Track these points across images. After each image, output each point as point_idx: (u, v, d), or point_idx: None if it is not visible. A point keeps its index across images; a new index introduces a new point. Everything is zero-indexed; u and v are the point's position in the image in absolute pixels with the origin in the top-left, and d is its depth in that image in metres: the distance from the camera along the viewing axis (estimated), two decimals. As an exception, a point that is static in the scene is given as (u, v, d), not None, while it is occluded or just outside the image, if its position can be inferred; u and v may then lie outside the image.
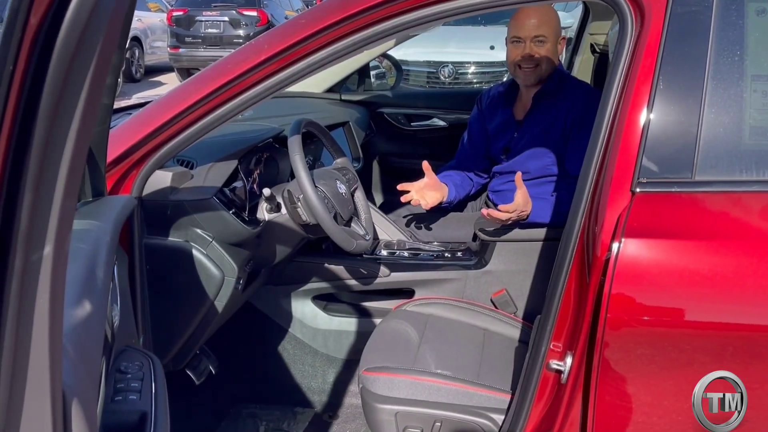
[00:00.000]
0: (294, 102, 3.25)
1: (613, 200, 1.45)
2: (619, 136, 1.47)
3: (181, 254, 1.84)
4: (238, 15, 12.01)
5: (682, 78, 1.45)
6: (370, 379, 1.90)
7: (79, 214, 1.33)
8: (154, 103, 1.78)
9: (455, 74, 7.28)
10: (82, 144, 0.60)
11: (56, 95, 0.55)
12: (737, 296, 1.39)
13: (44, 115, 0.55)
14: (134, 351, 1.36)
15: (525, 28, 2.39)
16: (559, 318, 1.58)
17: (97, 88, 0.59)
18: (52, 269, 0.62)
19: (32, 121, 0.55)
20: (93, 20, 0.55)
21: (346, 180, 2.24)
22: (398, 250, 2.50)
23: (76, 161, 0.60)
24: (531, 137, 2.46)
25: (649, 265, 1.42)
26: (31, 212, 0.58)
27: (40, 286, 0.62)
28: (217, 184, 1.87)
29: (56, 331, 0.66)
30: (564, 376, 1.54)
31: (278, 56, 1.64)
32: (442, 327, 2.14)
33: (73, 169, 0.60)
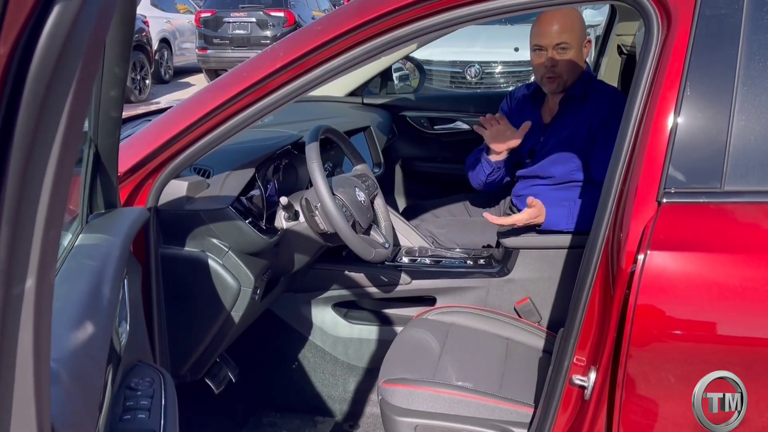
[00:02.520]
0: (315, 106, 3.22)
1: (638, 211, 1.40)
2: (644, 143, 1.42)
3: (197, 264, 1.82)
4: (266, 16, 12.07)
5: (710, 83, 1.39)
6: (389, 391, 1.86)
7: (89, 228, 1.32)
8: (170, 112, 1.77)
9: (482, 74, 7.20)
10: (65, 172, 0.57)
11: (32, 125, 0.52)
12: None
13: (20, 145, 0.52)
14: (145, 367, 1.34)
15: (546, 36, 2.32)
16: (582, 331, 1.54)
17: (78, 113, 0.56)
18: (35, 303, 0.59)
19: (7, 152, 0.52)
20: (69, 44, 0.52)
21: (366, 187, 2.20)
22: (420, 257, 2.46)
23: (58, 190, 0.57)
24: (557, 141, 2.41)
25: (675, 279, 1.37)
26: (9, 245, 0.55)
27: (23, 322, 0.59)
28: (234, 193, 1.85)
29: (41, 366, 0.63)
30: (587, 392, 1.50)
31: (294, 63, 1.61)
32: (463, 336, 2.10)
33: (56, 198, 0.57)
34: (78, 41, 0.52)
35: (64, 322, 0.87)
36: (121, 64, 1.08)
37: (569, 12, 2.36)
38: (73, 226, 1.30)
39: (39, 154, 0.54)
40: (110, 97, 1.13)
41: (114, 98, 1.13)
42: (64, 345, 0.83)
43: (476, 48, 7.30)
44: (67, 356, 0.81)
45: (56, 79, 0.52)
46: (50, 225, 0.58)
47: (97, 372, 0.93)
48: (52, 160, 0.55)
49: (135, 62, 10.01)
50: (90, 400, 0.85)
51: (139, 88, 10.21)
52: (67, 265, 1.09)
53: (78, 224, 1.32)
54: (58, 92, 0.53)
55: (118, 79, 1.10)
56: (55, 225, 0.59)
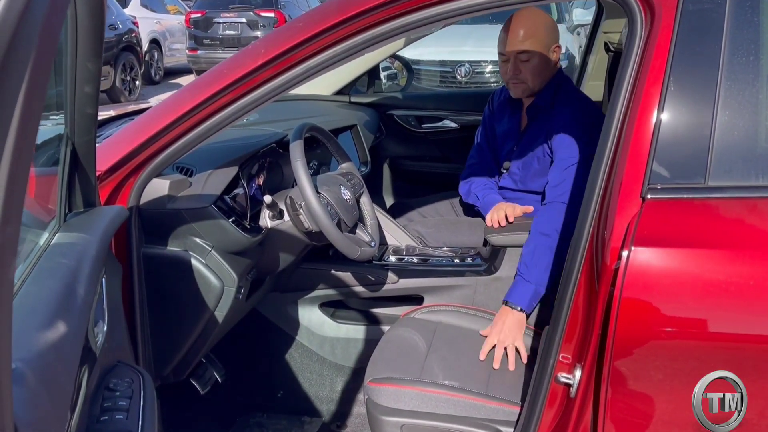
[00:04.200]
0: (301, 105, 3.21)
1: (622, 207, 1.39)
2: (628, 139, 1.41)
3: (180, 264, 1.80)
4: (256, 16, 12.04)
5: (694, 78, 1.38)
6: (375, 390, 1.85)
7: (66, 227, 1.30)
8: (151, 110, 1.75)
9: (472, 73, 7.18)
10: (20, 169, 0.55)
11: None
12: (753, 306, 1.32)
13: None
14: (125, 367, 1.32)
15: (509, 43, 2.27)
16: (567, 328, 1.52)
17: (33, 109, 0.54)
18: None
19: None
20: (19, 36, 0.50)
21: (351, 185, 2.19)
22: (407, 256, 2.44)
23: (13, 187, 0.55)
24: (528, 152, 2.37)
25: (660, 275, 1.36)
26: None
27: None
28: (216, 191, 1.83)
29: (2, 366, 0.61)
30: (573, 389, 1.49)
31: (275, 60, 1.59)
32: (450, 335, 2.08)
33: (11, 196, 0.55)
34: (28, 33, 0.50)
35: (33, 322, 0.85)
36: (94, 58, 1.06)
37: (536, 17, 2.30)
38: (50, 225, 1.28)
39: None
40: (84, 93, 1.11)
41: (88, 94, 1.11)
42: (31, 345, 0.81)
43: (466, 48, 7.29)
44: (33, 356, 0.79)
45: (6, 75, 0.50)
46: (6, 221, 0.56)
47: (68, 372, 0.92)
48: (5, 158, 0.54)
49: (125, 63, 9.98)
50: (59, 401, 0.84)
51: (129, 89, 10.17)
52: (41, 264, 1.07)
53: (55, 223, 1.30)
54: (9, 88, 0.51)
55: (91, 75, 1.08)
56: (12, 221, 0.57)
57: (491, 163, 2.60)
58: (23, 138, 0.54)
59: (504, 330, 2.01)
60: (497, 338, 2.00)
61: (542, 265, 2.06)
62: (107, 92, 9.57)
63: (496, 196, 2.46)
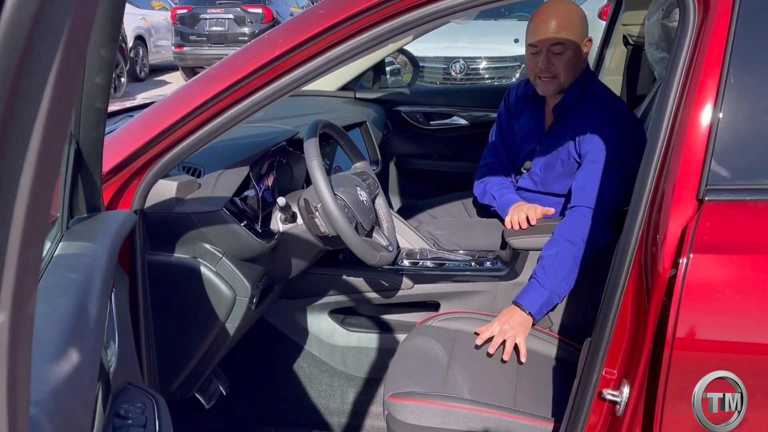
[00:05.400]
0: (306, 101, 3.07)
1: (676, 210, 1.28)
2: (682, 136, 1.30)
3: (188, 272, 1.67)
4: (243, 12, 11.88)
5: (756, 70, 1.27)
6: (396, 406, 1.73)
7: (70, 235, 1.16)
8: (156, 105, 1.61)
9: (467, 70, 7.09)
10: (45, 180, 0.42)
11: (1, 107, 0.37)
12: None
13: None
14: (136, 390, 1.19)
15: (542, 34, 2.10)
16: (613, 341, 1.41)
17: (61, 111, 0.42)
18: (9, 344, 0.45)
19: None
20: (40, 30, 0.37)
21: (367, 186, 2.06)
22: (421, 260, 2.32)
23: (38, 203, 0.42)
24: (551, 153, 2.24)
25: (722, 285, 1.24)
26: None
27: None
28: (228, 193, 1.70)
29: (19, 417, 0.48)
30: (620, 407, 1.38)
31: (294, 51, 1.47)
32: (472, 344, 1.97)
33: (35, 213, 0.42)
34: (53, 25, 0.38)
35: (44, 354, 0.72)
36: (109, 44, 0.92)
37: (569, 7, 2.16)
38: (51, 232, 1.15)
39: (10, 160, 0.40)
40: (95, 84, 0.97)
41: (99, 86, 0.98)
42: (44, 383, 0.68)
43: (461, 44, 7.19)
44: (48, 397, 0.66)
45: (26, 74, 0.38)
46: (29, 244, 0.43)
47: (86, 407, 0.79)
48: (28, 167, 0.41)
49: (109, 59, 9.79)
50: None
51: (114, 86, 10.00)
52: (45, 280, 0.93)
53: (57, 230, 1.17)
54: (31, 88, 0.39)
55: (104, 63, 0.94)
56: (35, 243, 0.44)
57: (507, 163, 2.48)
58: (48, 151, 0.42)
59: (509, 322, 1.93)
60: (499, 328, 1.92)
61: (561, 272, 1.96)
62: (92, 89, 9.38)
63: (514, 196, 2.34)
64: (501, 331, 1.91)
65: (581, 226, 1.99)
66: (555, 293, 1.97)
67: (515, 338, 1.91)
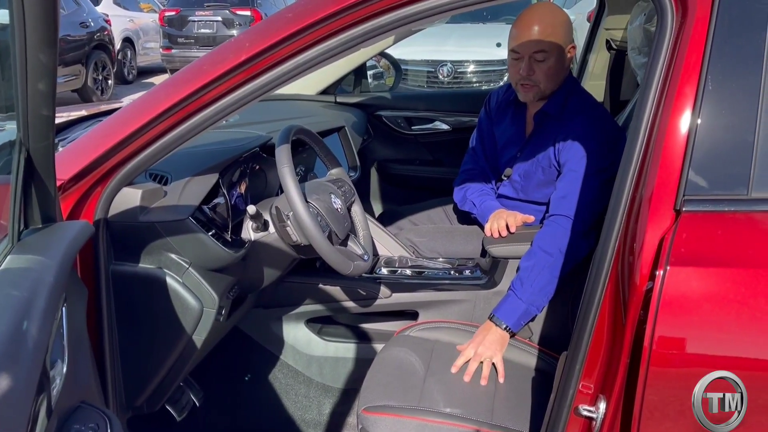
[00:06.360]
0: (285, 105, 3.03)
1: (653, 220, 1.24)
2: (659, 145, 1.27)
3: (154, 283, 1.62)
4: (232, 15, 11.86)
5: (735, 76, 1.24)
6: (371, 420, 1.69)
7: (20, 247, 1.11)
8: (121, 111, 1.56)
9: (454, 73, 7.05)
10: None
11: None
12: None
13: None
14: (89, 409, 1.13)
15: (524, 41, 2.05)
16: (589, 355, 1.37)
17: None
18: None
19: None
20: None
21: (342, 193, 2.01)
22: (400, 268, 2.27)
23: None
24: (533, 162, 2.20)
25: (700, 298, 1.21)
26: None
27: None
28: (195, 201, 1.64)
29: None
30: (596, 423, 1.34)
31: (262, 55, 1.42)
32: (449, 355, 1.93)
33: None
34: None
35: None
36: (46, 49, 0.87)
37: (553, 12, 2.11)
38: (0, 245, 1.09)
39: None
40: (38, 91, 0.92)
41: (43, 92, 0.93)
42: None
43: (448, 47, 7.16)
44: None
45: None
46: None
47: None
48: None
49: (97, 62, 9.80)
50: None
51: (101, 89, 9.96)
52: (-15, 297, 0.88)
53: (7, 243, 1.11)
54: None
55: (45, 69, 0.89)
56: None
57: (487, 169, 2.44)
58: None
59: (484, 343, 1.89)
60: (474, 350, 1.89)
61: (539, 284, 1.92)
62: (78, 92, 9.38)
63: (494, 203, 2.29)
64: (476, 354, 1.88)
65: (559, 236, 1.95)
66: (533, 305, 1.93)
67: (492, 359, 1.88)
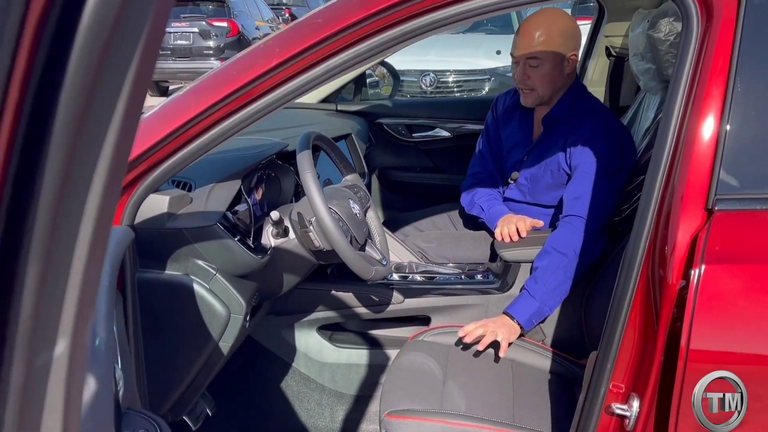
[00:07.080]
0: (288, 113, 3.02)
1: (685, 220, 1.26)
2: (689, 145, 1.28)
3: (181, 290, 1.60)
4: (208, 26, 11.73)
5: (764, 76, 1.27)
6: (395, 424, 1.69)
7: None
8: (146, 118, 1.55)
9: (437, 83, 7.10)
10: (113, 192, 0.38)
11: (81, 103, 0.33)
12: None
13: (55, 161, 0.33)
14: (137, 416, 1.12)
15: (519, 47, 2.12)
16: (620, 354, 1.39)
17: (133, 117, 0.37)
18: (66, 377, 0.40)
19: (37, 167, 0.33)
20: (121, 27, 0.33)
21: (359, 199, 2.01)
22: (411, 274, 2.28)
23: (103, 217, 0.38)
24: (539, 163, 2.23)
25: (736, 295, 1.23)
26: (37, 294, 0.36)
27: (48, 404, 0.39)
28: (221, 208, 1.64)
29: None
30: (630, 421, 1.35)
31: (292, 60, 1.43)
32: (465, 359, 1.94)
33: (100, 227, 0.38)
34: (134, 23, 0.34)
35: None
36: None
37: (553, 20, 2.14)
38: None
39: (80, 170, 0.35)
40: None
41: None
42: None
43: (430, 57, 7.20)
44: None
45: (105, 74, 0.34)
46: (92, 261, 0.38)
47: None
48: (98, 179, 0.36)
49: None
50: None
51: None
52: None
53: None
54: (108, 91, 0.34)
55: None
56: (96, 262, 0.40)
57: (494, 173, 2.46)
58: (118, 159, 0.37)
59: (496, 323, 1.92)
60: (485, 324, 1.92)
61: (552, 284, 1.95)
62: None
63: (502, 208, 2.31)
64: (482, 324, 1.90)
65: (573, 237, 1.97)
66: (546, 305, 1.95)
67: (496, 334, 1.89)
